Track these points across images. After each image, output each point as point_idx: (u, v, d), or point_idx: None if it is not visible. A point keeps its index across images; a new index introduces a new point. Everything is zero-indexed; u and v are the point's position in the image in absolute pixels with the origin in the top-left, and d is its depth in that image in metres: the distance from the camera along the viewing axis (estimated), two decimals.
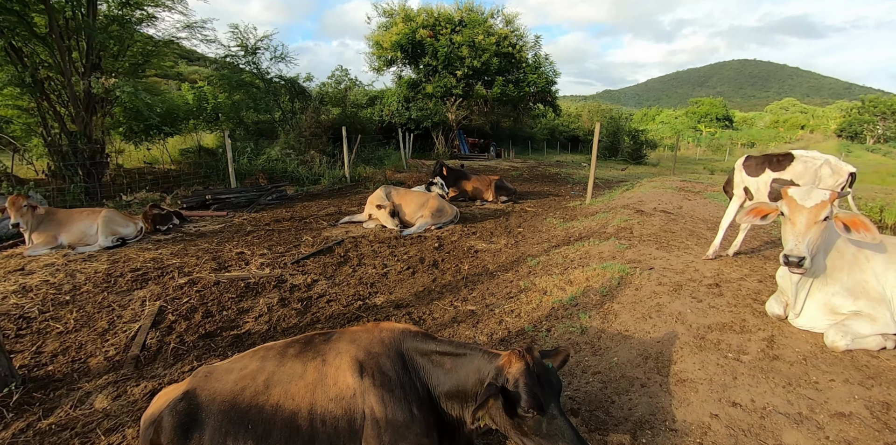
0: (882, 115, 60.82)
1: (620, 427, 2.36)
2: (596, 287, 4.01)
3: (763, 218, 3.05)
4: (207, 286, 4.42)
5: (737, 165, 4.62)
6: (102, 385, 2.88)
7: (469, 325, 3.65)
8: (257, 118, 15.72)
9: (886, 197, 13.58)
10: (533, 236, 6.70)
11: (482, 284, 4.65)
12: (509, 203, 9.87)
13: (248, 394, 1.88)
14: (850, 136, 64.16)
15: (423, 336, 2.13)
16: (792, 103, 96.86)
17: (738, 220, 3.10)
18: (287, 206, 8.87)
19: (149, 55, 10.96)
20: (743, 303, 3.48)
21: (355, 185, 12.01)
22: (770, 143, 61.89)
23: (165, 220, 6.67)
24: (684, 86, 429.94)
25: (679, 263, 4.43)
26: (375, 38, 22.42)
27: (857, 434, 2.31)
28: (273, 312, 3.90)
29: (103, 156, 9.32)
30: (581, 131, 49.29)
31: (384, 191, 7.37)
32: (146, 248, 5.70)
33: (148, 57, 10.96)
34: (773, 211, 3.02)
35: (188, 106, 13.84)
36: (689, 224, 6.22)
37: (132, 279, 4.58)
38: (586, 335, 3.22)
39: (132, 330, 3.53)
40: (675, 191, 9.24)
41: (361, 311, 3.98)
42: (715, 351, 2.90)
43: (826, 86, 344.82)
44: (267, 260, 5.26)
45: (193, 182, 10.96)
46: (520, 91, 22.34)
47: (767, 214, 3.05)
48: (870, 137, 62.04)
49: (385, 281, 4.79)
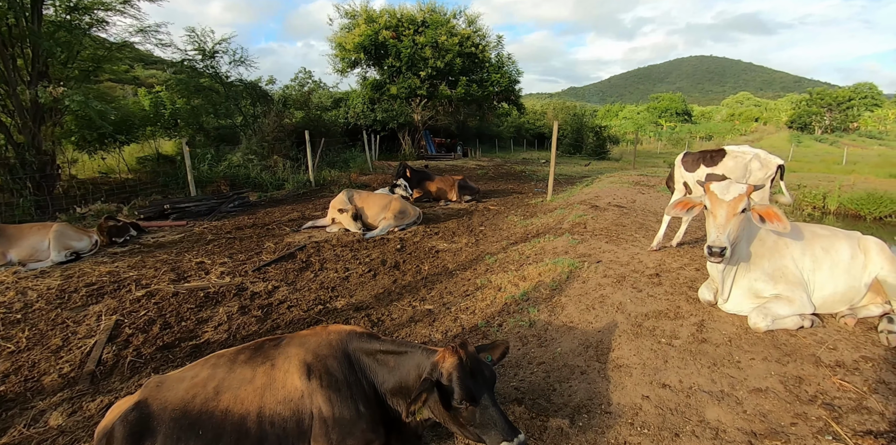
0: (828, 107, 64.29)
1: (560, 412, 2.55)
2: (547, 281, 4.22)
3: (688, 210, 3.31)
4: (166, 297, 4.41)
5: (676, 162, 4.92)
6: (57, 402, 2.87)
7: (426, 324, 3.79)
8: (218, 123, 15.40)
9: (829, 184, 14.47)
10: (493, 234, 6.90)
11: (441, 283, 4.80)
12: (473, 202, 10.06)
13: (198, 401, 1.96)
14: (800, 127, 67.59)
15: (368, 336, 2.26)
16: (746, 97, 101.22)
17: (667, 213, 3.34)
18: (249, 213, 8.80)
19: (100, 60, 10.62)
20: (679, 291, 3.75)
21: (320, 189, 11.97)
22: (726, 136, 64.58)
23: (122, 232, 6.54)
24: (645, 83, 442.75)
25: (625, 256, 4.69)
26: (338, 39, 22.29)
27: (772, 406, 2.56)
28: (233, 320, 3.94)
29: (54, 167, 9.00)
30: (547, 129, 50.16)
31: (346, 194, 7.43)
32: (101, 262, 5.59)
33: (100, 62, 10.62)
34: (697, 204, 3.28)
35: (145, 112, 13.45)
36: (640, 217, 6.54)
37: (87, 294, 4.51)
38: (534, 328, 3.41)
39: (87, 346, 3.51)
40: (631, 186, 9.63)
41: (321, 315, 4.06)
42: (650, 338, 3.13)
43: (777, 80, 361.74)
44: (228, 269, 5.25)
45: (152, 191, 10.68)
46: (483, 90, 22.64)
47: (692, 207, 3.31)
48: (818, 128, 65.51)
49: (346, 284, 4.87)
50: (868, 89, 65.57)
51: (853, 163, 29.24)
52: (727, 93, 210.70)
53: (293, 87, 22.60)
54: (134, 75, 25.84)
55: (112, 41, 10.75)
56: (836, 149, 48.64)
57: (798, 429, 2.39)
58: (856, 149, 43.99)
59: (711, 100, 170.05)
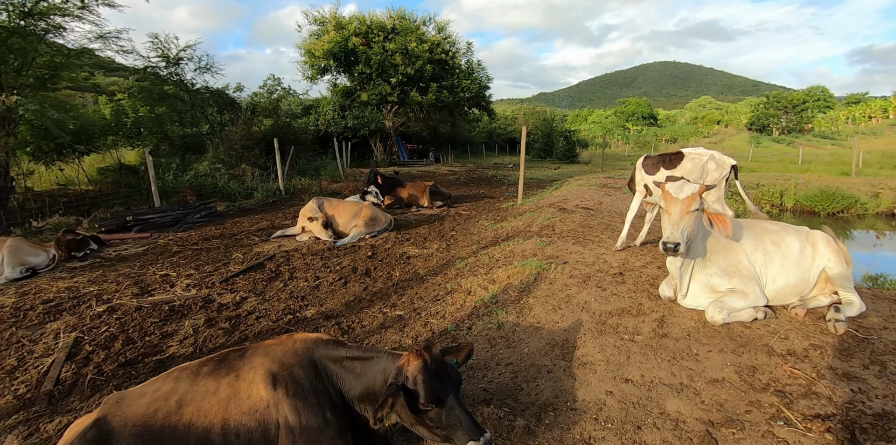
0: (784, 109, 67.42)
1: (527, 411, 2.61)
2: (515, 284, 4.30)
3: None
4: (128, 312, 4.28)
5: (637, 165, 5.11)
6: (12, 425, 2.76)
7: (396, 330, 3.81)
8: (183, 132, 15.05)
9: (786, 182, 15.20)
10: (464, 239, 6.97)
11: (412, 289, 4.83)
12: (444, 207, 10.13)
13: (160, 416, 1.93)
14: (759, 129, 70.57)
15: (334, 343, 2.27)
16: (708, 101, 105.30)
17: (630, 214, 3.47)
18: (217, 223, 8.62)
19: (57, 68, 10.24)
20: (641, 289, 3.89)
21: (290, 198, 11.82)
22: (690, 138, 66.99)
23: (81, 246, 6.31)
24: (612, 88, 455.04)
25: (591, 256, 4.83)
26: (307, 46, 22.11)
27: (728, 396, 2.69)
28: (199, 333, 3.87)
29: (7, 179, 8.62)
30: (517, 133, 50.67)
31: (316, 202, 7.38)
32: (60, 277, 5.39)
33: (56, 69, 10.24)
34: (654, 204, 3.43)
35: (106, 121, 13.02)
36: (606, 218, 6.73)
37: (44, 311, 4.34)
38: (502, 330, 3.48)
39: (45, 365, 3.38)
40: (598, 188, 9.90)
41: (291, 325, 4.03)
42: (613, 335, 3.24)
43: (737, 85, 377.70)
44: (194, 281, 5.14)
45: (114, 203, 10.35)
46: (454, 96, 22.84)
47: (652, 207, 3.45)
48: (775, 129, 68.55)
49: (316, 293, 4.84)
50: (821, 92, 69.18)
51: (808, 163, 30.74)
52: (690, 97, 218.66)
53: (262, 95, 22.31)
54: (94, 83, 24.94)
55: (70, 48, 10.41)
56: (792, 149, 51.11)
57: (752, 416, 2.52)
58: (810, 148, 46.36)
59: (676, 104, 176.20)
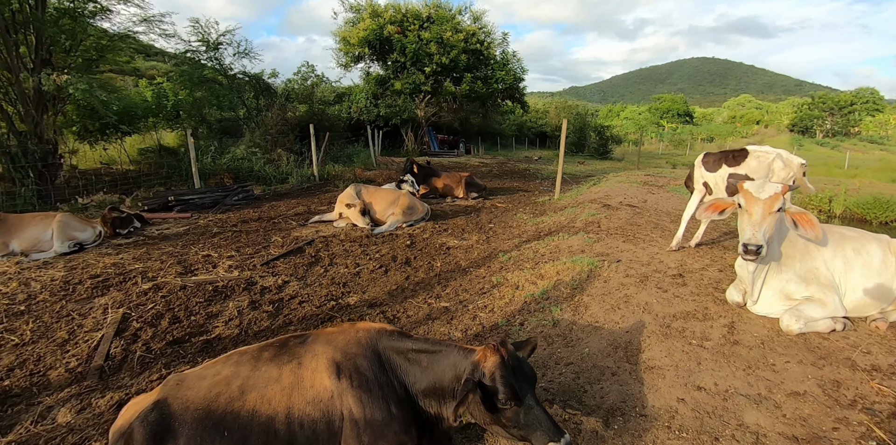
0: (830, 111, 64.27)
1: (593, 414, 2.44)
2: (566, 280, 4.11)
3: (721, 212, 3.20)
4: (173, 291, 4.28)
5: (696, 162, 4.82)
6: (65, 398, 2.76)
7: (443, 322, 3.69)
8: (221, 116, 15.22)
9: (835, 188, 14.44)
10: (504, 232, 6.79)
11: (455, 281, 4.69)
12: (480, 199, 9.95)
13: (222, 401, 1.84)
14: (801, 131, 67.52)
15: (398, 334, 2.14)
16: (748, 99, 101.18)
17: (698, 216, 3.24)
18: (254, 207, 8.66)
19: (103, 50, 10.44)
20: (705, 292, 3.65)
21: (324, 184, 11.83)
22: (728, 138, 64.56)
23: (126, 224, 6.41)
24: (646, 83, 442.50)
25: (645, 255, 4.59)
26: (342, 33, 22.08)
27: (811, 411, 2.46)
28: (243, 315, 3.82)
29: (56, 156, 8.85)
30: (549, 127, 49.98)
31: (354, 189, 7.31)
32: (106, 253, 5.46)
33: (102, 52, 10.44)
34: (730, 205, 3.18)
35: (147, 103, 13.27)
36: (653, 217, 6.43)
37: (92, 286, 4.38)
38: (558, 327, 3.31)
39: (94, 340, 3.39)
40: (640, 186, 9.53)
41: (335, 312, 3.95)
42: (680, 339, 3.03)
43: (779, 83, 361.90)
44: (235, 263, 5.13)
45: (154, 183, 10.54)
46: (488, 88, 22.49)
47: (725, 209, 3.20)
48: (819, 132, 65.48)
49: (358, 280, 4.76)
50: (870, 94, 65.51)
51: (855, 168, 29.20)
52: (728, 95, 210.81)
53: (296, 81, 22.41)
54: (135, 67, 25.55)
55: (114, 31, 10.58)
56: (837, 153, 48.68)
57: (840, 434, 2.31)
58: (857, 153, 44.02)
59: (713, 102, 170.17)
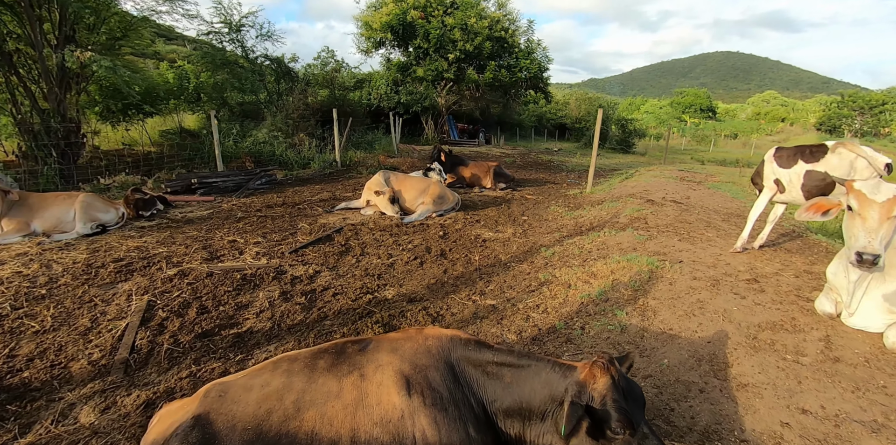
0: (860, 110, 61.97)
1: (686, 437, 2.12)
2: (624, 280, 3.76)
3: (825, 213, 2.81)
4: (200, 278, 4.03)
5: (767, 157, 4.39)
6: (88, 394, 2.51)
7: (493, 322, 3.37)
8: (242, 99, 14.98)
9: None
10: (540, 225, 6.43)
11: (497, 276, 4.36)
12: (508, 190, 9.58)
13: (275, 419, 1.55)
14: (829, 130, 65.34)
15: (476, 343, 1.83)
16: (773, 96, 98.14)
17: (797, 217, 2.84)
18: (278, 191, 8.40)
19: (126, 29, 10.20)
20: (788, 300, 3.27)
21: (347, 170, 11.54)
22: (752, 135, 62.80)
23: (149, 206, 6.19)
24: (668, 77, 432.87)
25: (707, 256, 4.21)
26: (364, 18, 21.58)
27: None
28: (275, 307, 3.55)
29: (79, 136, 8.65)
30: (569, 119, 48.99)
31: (383, 176, 6.99)
32: (129, 236, 5.24)
33: (126, 31, 10.19)
34: (835, 206, 2.78)
35: (168, 85, 13.05)
36: (702, 214, 6.02)
37: (115, 270, 4.15)
38: (627, 334, 2.97)
39: (118, 329, 3.14)
40: (678, 181, 9.07)
41: (372, 306, 3.65)
42: (771, 353, 2.67)
43: (805, 80, 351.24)
44: (262, 250, 4.87)
45: (176, 165, 10.34)
46: (512, 76, 21.88)
47: (829, 210, 2.81)
48: (847, 131, 63.30)
49: (392, 271, 4.46)
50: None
51: None
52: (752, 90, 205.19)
53: (316, 66, 22.06)
54: (155, 50, 25.46)
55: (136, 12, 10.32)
56: None
57: None
58: (889, 155, 42.40)
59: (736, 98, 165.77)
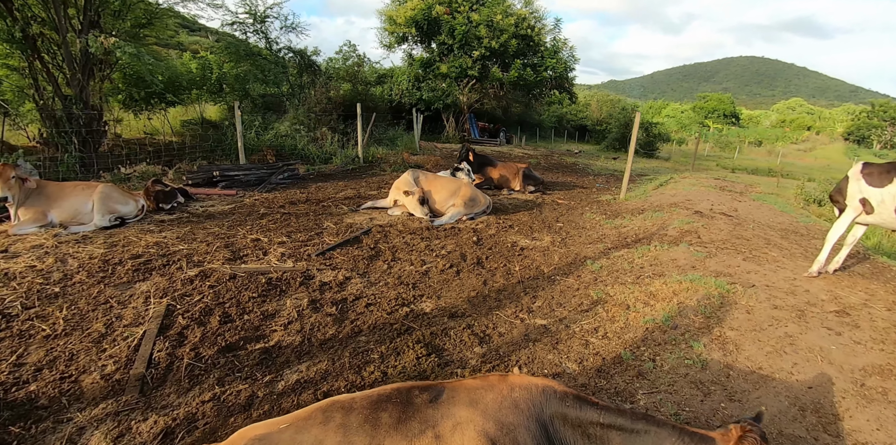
0: (891, 121, 60.07)
1: None
2: (691, 304, 3.37)
3: None
4: (222, 280, 3.73)
5: (851, 173, 3.94)
6: (99, 416, 2.21)
7: (547, 346, 3.01)
8: (264, 91, 14.77)
9: None
10: (579, 234, 6.04)
11: (543, 291, 4.00)
12: (537, 193, 9.18)
13: None
14: (857, 140, 63.54)
15: (574, 398, 1.47)
16: (799, 103, 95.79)
17: None
18: (300, 187, 8.12)
19: (152, 16, 10.01)
20: (889, 339, 2.85)
21: (369, 167, 11.24)
22: (777, 143, 61.32)
23: (169, 198, 5.93)
24: (689, 81, 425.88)
25: (780, 280, 3.79)
26: (388, 12, 21.27)
27: None
28: (304, 318, 3.23)
29: (101, 123, 8.47)
30: (589, 121, 48.29)
31: (412, 175, 6.65)
32: (148, 230, 4.98)
33: (151, 19, 10.01)
34: None
35: (191, 75, 12.88)
36: (757, 230, 5.57)
37: (133, 268, 3.88)
38: (709, 371, 2.59)
39: (135, 337, 2.85)
40: (719, 191, 8.58)
41: (410, 320, 3.32)
42: (886, 404, 2.28)
43: (832, 88, 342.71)
44: (287, 250, 4.56)
45: (197, 156, 10.14)
46: (537, 76, 21.39)
47: None
48: (877, 142, 61.44)
49: (427, 280, 4.12)
50: None
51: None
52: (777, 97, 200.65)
53: (337, 60, 21.86)
54: (178, 41, 25.54)
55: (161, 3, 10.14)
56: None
57: None
58: None
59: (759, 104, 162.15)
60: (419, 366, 2.72)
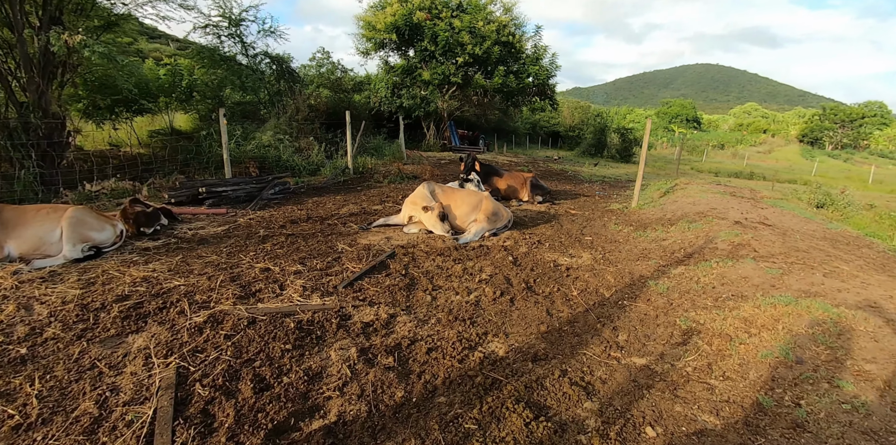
0: (841, 123, 63.75)
1: None
2: (802, 332, 2.90)
3: None
4: (240, 327, 3.01)
5: None
6: None
7: (666, 394, 2.46)
8: (241, 98, 13.87)
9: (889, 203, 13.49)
10: (616, 248, 5.56)
11: (619, 320, 3.46)
12: (547, 204, 8.72)
13: None
14: (811, 142, 67.10)
15: None
16: (754, 107, 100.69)
17: None
18: (296, 203, 7.36)
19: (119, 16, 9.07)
20: None
21: (362, 179, 10.53)
22: (738, 146, 63.95)
23: (152, 220, 5.11)
24: (650, 87, 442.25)
25: (879, 299, 3.39)
26: (367, 18, 20.68)
27: None
28: (360, 376, 2.56)
29: (63, 134, 7.47)
30: (562, 127, 48.97)
31: (427, 188, 6.04)
32: (132, 262, 4.17)
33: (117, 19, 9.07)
34: None
35: (160, 81, 11.89)
36: (806, 241, 5.24)
37: (121, 315, 3.10)
38: (873, 419, 2.09)
39: (141, 421, 2.12)
40: (733, 198, 8.34)
41: (487, 369, 2.70)
42: None
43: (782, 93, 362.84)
44: (307, 282, 3.86)
45: (171, 169, 9.21)
46: (520, 82, 21.20)
47: None
48: (829, 143, 65.02)
49: (483, 313, 3.51)
50: (878, 108, 65.31)
51: (879, 182, 28.35)
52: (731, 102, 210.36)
53: (311, 67, 21.14)
54: (137, 48, 24.24)
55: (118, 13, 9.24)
56: (851, 166, 47.98)
57: None
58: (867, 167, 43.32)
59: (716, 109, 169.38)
60: (532, 435, 2.11)
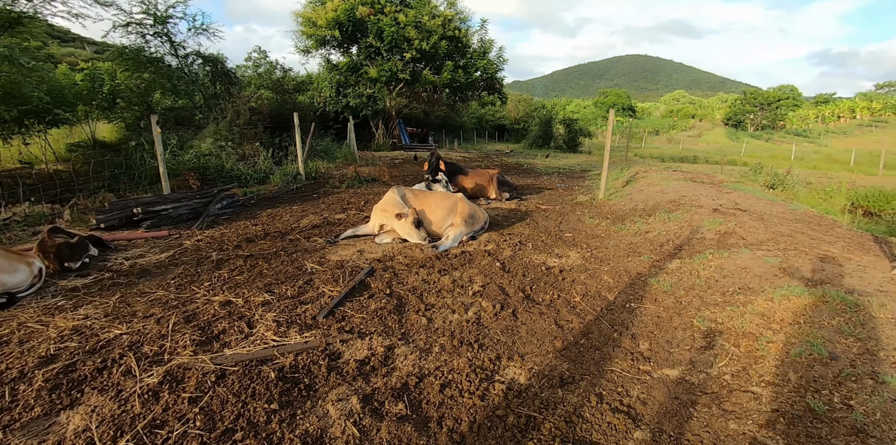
0: (760, 106, 68.86)
1: None
2: (825, 324, 2.76)
3: None
4: (206, 384, 2.46)
5: None
6: None
7: (713, 410, 2.20)
8: (173, 103, 12.66)
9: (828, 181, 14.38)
10: (600, 244, 5.38)
11: (634, 326, 3.21)
12: (516, 200, 8.50)
13: None
14: (735, 125, 72.05)
15: None
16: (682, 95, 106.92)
17: None
18: (248, 217, 6.66)
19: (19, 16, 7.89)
20: None
21: (316, 185, 9.85)
22: (671, 132, 67.62)
23: (77, 252, 4.32)
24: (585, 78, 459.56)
25: (881, 281, 3.35)
26: (306, 14, 19.66)
27: None
28: (370, 434, 2.11)
29: None
30: (507, 120, 49.60)
31: (397, 192, 5.60)
32: (57, 308, 3.44)
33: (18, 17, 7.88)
34: None
35: (77, 88, 10.56)
36: (785, 224, 5.28)
37: (47, 383, 2.46)
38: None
39: None
40: (696, 184, 8.47)
41: (515, 404, 2.33)
42: None
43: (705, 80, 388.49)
44: (280, 315, 3.32)
45: (97, 187, 8.15)
46: (468, 77, 20.97)
47: None
48: (750, 125, 70.08)
49: (486, 332, 3.15)
50: (790, 91, 71.11)
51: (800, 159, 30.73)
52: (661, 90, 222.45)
53: (247, 68, 19.94)
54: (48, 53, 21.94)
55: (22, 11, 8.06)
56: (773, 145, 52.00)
57: None
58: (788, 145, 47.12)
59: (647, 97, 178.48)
60: None
